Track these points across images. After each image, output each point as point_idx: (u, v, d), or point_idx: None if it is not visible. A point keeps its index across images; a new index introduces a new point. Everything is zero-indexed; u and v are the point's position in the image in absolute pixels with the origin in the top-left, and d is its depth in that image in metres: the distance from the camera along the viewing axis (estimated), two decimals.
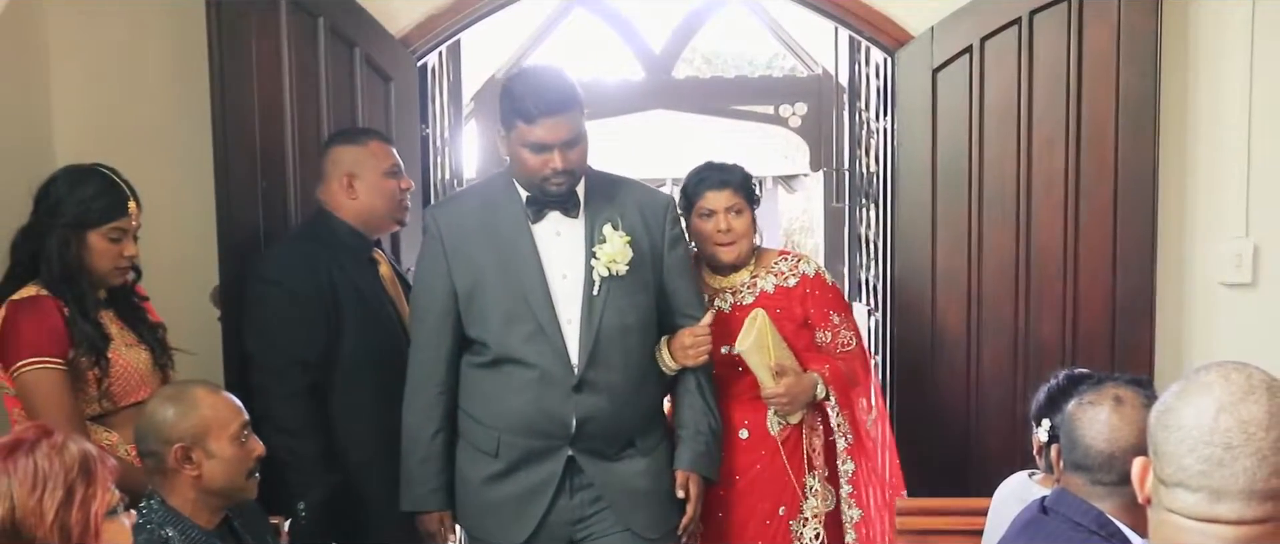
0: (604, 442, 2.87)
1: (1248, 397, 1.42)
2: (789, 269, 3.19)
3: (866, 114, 4.41)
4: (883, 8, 3.77)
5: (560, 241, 2.84)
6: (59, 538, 1.73)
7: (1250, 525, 1.40)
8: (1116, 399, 2.04)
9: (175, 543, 2.18)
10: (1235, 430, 1.41)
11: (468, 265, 2.83)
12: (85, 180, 2.76)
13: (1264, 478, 1.39)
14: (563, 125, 2.72)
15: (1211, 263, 3.79)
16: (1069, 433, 2.08)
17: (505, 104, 2.78)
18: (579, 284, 2.82)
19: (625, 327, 2.85)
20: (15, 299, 2.66)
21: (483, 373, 2.88)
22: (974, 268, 3.72)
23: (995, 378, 3.71)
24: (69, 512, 1.74)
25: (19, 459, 1.74)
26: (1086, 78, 3.58)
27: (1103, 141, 3.59)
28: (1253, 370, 1.46)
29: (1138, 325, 3.63)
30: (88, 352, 2.66)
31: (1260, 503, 1.39)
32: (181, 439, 2.30)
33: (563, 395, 2.81)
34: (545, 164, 2.73)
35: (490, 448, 2.87)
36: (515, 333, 2.80)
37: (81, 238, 2.72)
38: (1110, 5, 3.54)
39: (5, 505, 1.71)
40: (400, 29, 3.78)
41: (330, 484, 2.98)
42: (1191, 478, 1.43)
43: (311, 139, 3.44)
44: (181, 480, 2.31)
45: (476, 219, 2.86)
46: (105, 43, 3.69)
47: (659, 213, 2.94)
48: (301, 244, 3.15)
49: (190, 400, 2.34)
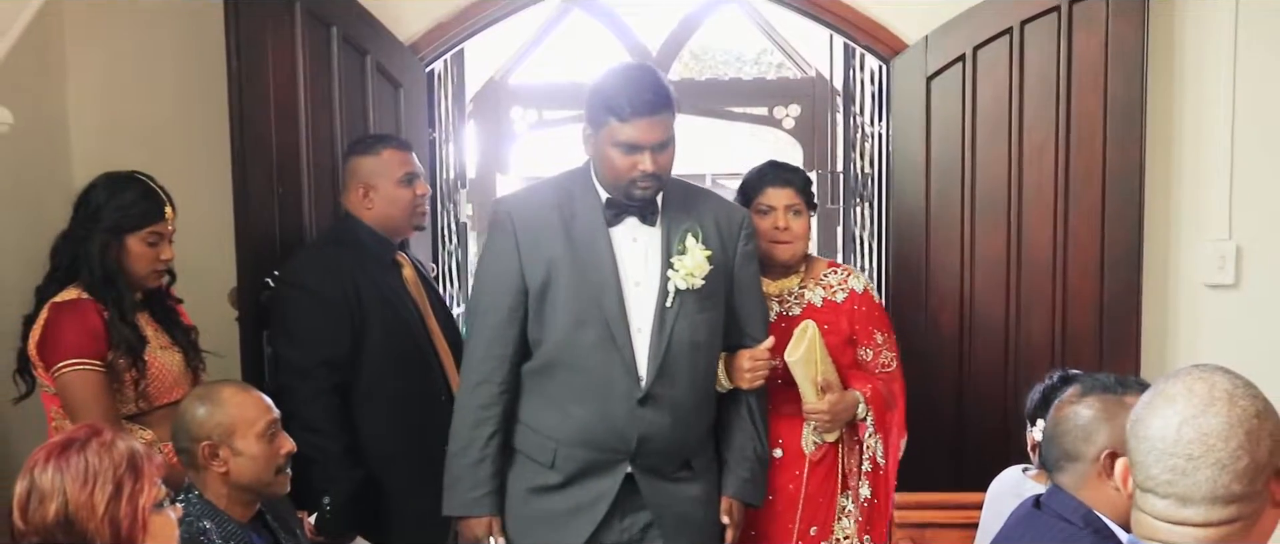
0: (663, 459, 2.77)
1: (1208, 408, 1.50)
2: (838, 282, 3.13)
3: (861, 118, 4.50)
4: (879, 17, 3.87)
5: (636, 248, 2.75)
6: (109, 530, 1.82)
7: (1217, 527, 1.49)
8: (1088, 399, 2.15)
9: (213, 534, 2.28)
10: (1196, 442, 1.49)
11: (541, 261, 2.72)
12: (124, 187, 2.87)
13: (1225, 485, 1.48)
14: (657, 127, 2.64)
15: (1196, 264, 3.88)
16: (1048, 432, 2.19)
17: (596, 101, 2.68)
18: (652, 294, 2.72)
19: (695, 342, 2.75)
20: (57, 301, 2.76)
21: (540, 377, 2.77)
22: (967, 268, 3.82)
23: (987, 375, 3.81)
24: (118, 505, 1.83)
25: (71, 457, 1.84)
26: (1075, 85, 3.68)
27: (1091, 147, 3.69)
28: (1217, 379, 1.53)
29: (1124, 325, 3.72)
30: (125, 353, 2.76)
31: (1224, 506, 1.49)
32: (209, 437, 2.40)
33: (627, 408, 2.71)
34: (634, 166, 2.65)
35: (546, 459, 2.77)
36: (583, 338, 2.70)
37: (120, 242, 2.83)
38: (1098, 16, 3.64)
39: (59, 500, 1.81)
40: (409, 37, 3.87)
41: (354, 480, 3.06)
42: (1159, 486, 1.52)
43: (325, 145, 3.54)
44: (212, 476, 2.41)
45: (553, 215, 2.75)
46: (121, 54, 3.78)
47: (734, 226, 2.84)
48: (326, 250, 3.24)
49: (218, 399, 2.45)
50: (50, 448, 1.87)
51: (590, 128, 2.73)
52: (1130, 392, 2.10)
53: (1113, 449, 2.03)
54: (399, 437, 3.18)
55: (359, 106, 3.68)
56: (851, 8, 3.87)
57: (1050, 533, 2.06)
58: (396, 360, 3.20)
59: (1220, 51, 3.79)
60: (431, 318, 3.37)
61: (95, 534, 1.82)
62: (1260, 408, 1.50)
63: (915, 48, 3.80)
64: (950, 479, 3.51)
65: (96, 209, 2.84)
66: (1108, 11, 3.63)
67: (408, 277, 3.34)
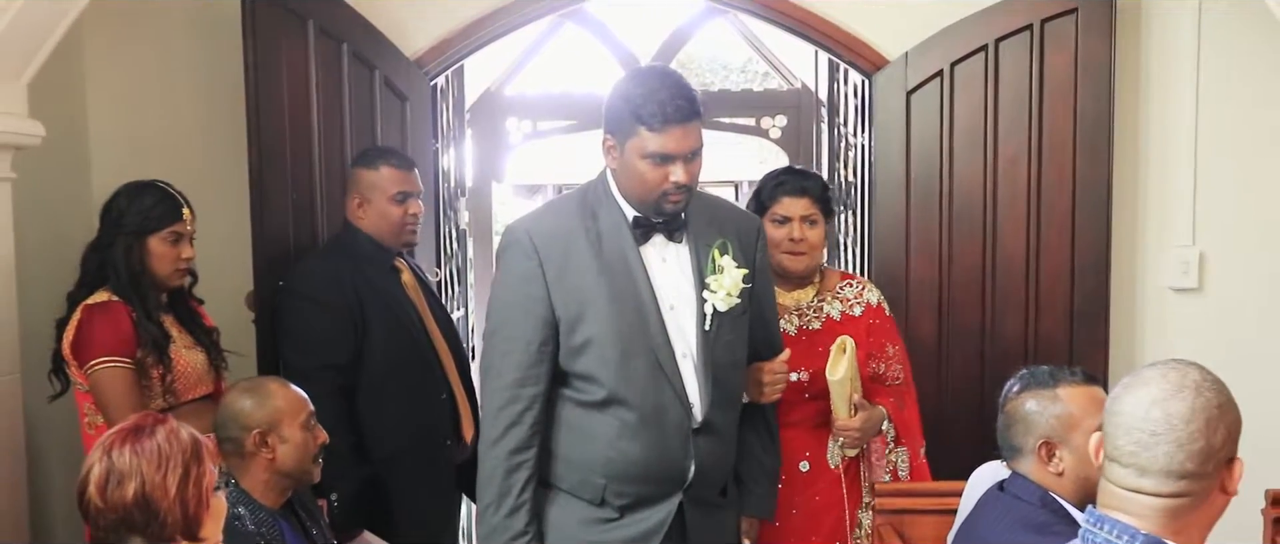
0: (711, 487, 2.62)
1: (1177, 394, 1.68)
2: (854, 296, 3.10)
3: (845, 129, 4.68)
4: (861, 34, 4.05)
5: (666, 268, 2.55)
6: (180, 510, 1.98)
7: (1167, 498, 1.68)
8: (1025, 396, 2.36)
9: (247, 520, 2.45)
10: (1161, 422, 1.68)
11: (572, 291, 2.49)
12: (143, 193, 3.06)
13: (1180, 462, 1.67)
14: (691, 135, 2.45)
15: (1161, 270, 4.08)
16: (998, 427, 2.41)
17: (622, 109, 2.45)
18: (689, 317, 2.54)
19: (734, 362, 2.61)
20: (89, 304, 2.94)
21: (586, 413, 2.54)
22: (944, 274, 4.00)
23: (963, 374, 3.99)
24: (186, 487, 1.99)
25: (144, 442, 2.00)
26: (1047, 100, 3.87)
27: (1062, 158, 3.88)
28: (1190, 371, 1.72)
29: (1094, 327, 3.91)
30: (152, 350, 2.92)
31: (1176, 481, 1.67)
32: (259, 425, 2.58)
33: (682, 440, 2.53)
34: (666, 178, 2.44)
35: (592, 496, 2.56)
36: (631, 370, 2.48)
37: (143, 243, 3.01)
38: (1068, 35, 3.83)
39: (137, 481, 1.97)
40: (415, 52, 4.04)
41: (360, 477, 3.20)
42: (1124, 456, 1.71)
43: (336, 155, 3.71)
44: (257, 464, 2.58)
45: (579, 238, 2.52)
46: (139, 69, 3.93)
47: (751, 237, 2.67)
48: (328, 258, 3.38)
49: (266, 391, 2.63)
50: (122, 433, 2.03)
51: (614, 138, 2.49)
52: (1064, 383, 2.32)
53: (1047, 439, 2.27)
54: (402, 435, 3.31)
55: (367, 119, 3.85)
56: (835, 25, 4.05)
57: (1010, 511, 2.29)
58: (398, 362, 3.33)
59: (1184, 69, 3.98)
60: (430, 320, 3.50)
61: (167, 513, 1.97)
62: (1222, 402, 1.69)
63: (896, 63, 3.98)
64: (931, 470, 3.67)
65: (119, 215, 3.03)
66: (1077, 31, 3.82)
67: (406, 281, 3.48)
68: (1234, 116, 3.99)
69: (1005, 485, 2.38)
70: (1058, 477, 2.30)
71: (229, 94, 3.75)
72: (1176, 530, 1.67)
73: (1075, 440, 2.27)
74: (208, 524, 2.04)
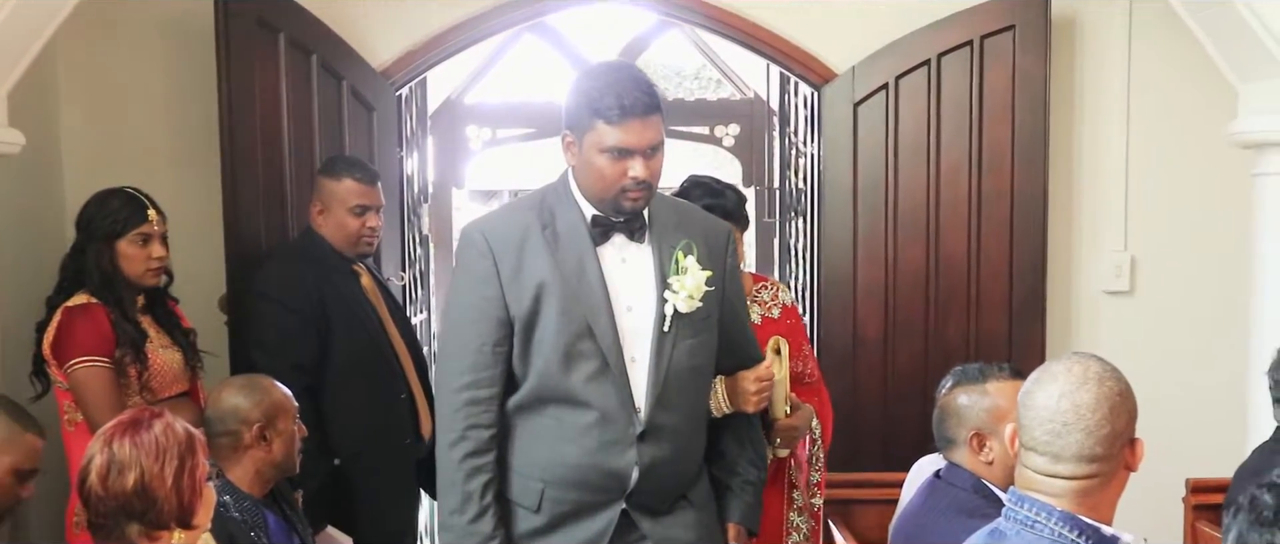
0: (659, 497, 2.52)
1: (1083, 386, 1.84)
2: (771, 299, 3.12)
3: (795, 138, 4.85)
4: (810, 48, 4.22)
5: (626, 269, 2.47)
6: (175, 498, 2.11)
7: (1080, 480, 1.85)
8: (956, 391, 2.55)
9: (231, 508, 2.57)
10: (1070, 412, 1.84)
11: (525, 289, 2.43)
12: (110, 198, 3.18)
13: (1090, 447, 1.84)
14: (650, 128, 2.37)
15: (1095, 273, 4.29)
16: (933, 420, 2.60)
17: (579, 103, 2.39)
18: (647, 319, 2.46)
19: (694, 367, 2.51)
20: (69, 306, 3.05)
21: (527, 414, 2.49)
22: (890, 277, 4.17)
23: (908, 373, 4.16)
24: (182, 477, 2.11)
25: (143, 435, 2.11)
26: (986, 112, 4.06)
27: (1001, 167, 4.07)
28: (1091, 364, 1.88)
29: (1031, 327, 4.11)
30: (130, 348, 3.04)
31: (1088, 464, 1.84)
32: (259, 421, 2.71)
33: (624, 444, 2.44)
34: (624, 173, 2.37)
35: (531, 502, 2.49)
36: (576, 371, 2.42)
37: (113, 246, 3.12)
38: (1006, 50, 4.02)
39: (136, 472, 2.08)
40: (381, 63, 4.16)
41: (325, 473, 3.30)
42: (1039, 445, 1.88)
43: (306, 163, 3.83)
44: (250, 457, 2.70)
45: (535, 237, 2.46)
46: (112, 77, 4.05)
47: (721, 242, 2.59)
48: (291, 262, 3.46)
49: (262, 388, 2.76)
50: (121, 425, 2.14)
51: (572, 134, 2.42)
52: (992, 378, 2.51)
53: (978, 431, 2.45)
54: (364, 433, 3.41)
55: (335, 128, 3.97)
56: (786, 40, 4.22)
57: (945, 497, 2.47)
58: (359, 362, 3.43)
59: (1115, 84, 4.20)
60: (390, 323, 3.61)
61: (164, 501, 2.09)
62: (1122, 389, 1.86)
63: (844, 77, 4.15)
64: (878, 463, 3.86)
65: (88, 222, 3.15)
66: (1014, 47, 4.02)
67: (366, 285, 3.57)
68: (1163, 129, 4.21)
69: (941, 474, 2.57)
70: (988, 465, 2.48)
71: (200, 103, 3.88)
72: (1089, 506, 1.84)
73: (1004, 431, 2.45)
74: (200, 512, 2.17)
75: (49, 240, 3.75)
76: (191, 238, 3.68)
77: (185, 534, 2.14)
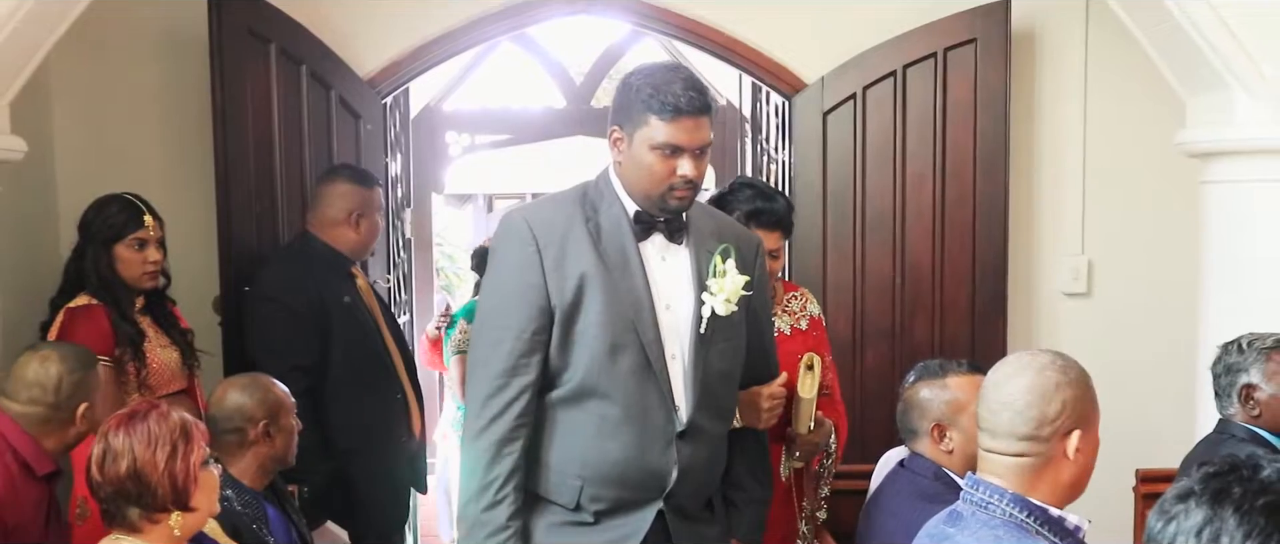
0: (692, 499, 2.53)
1: (1021, 373, 2.01)
2: (799, 309, 3.11)
3: (767, 145, 4.99)
4: (781, 59, 4.36)
5: (665, 268, 2.48)
6: (169, 482, 2.26)
7: (1011, 457, 2.01)
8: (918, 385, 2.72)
9: (233, 501, 2.70)
10: (1007, 394, 2.01)
11: (569, 278, 2.41)
12: (108, 204, 3.31)
13: (1017, 427, 2.00)
14: (701, 129, 2.38)
15: (1054, 276, 4.45)
16: (897, 413, 2.77)
17: (631, 98, 2.39)
18: (685, 319, 2.46)
19: (725, 371, 2.53)
20: (70, 307, 3.18)
21: (566, 409, 2.46)
22: (858, 280, 4.31)
23: (877, 372, 4.31)
24: (175, 462, 2.26)
25: (137, 424, 2.27)
26: (950, 122, 4.20)
27: (963, 175, 4.22)
28: (1042, 356, 2.03)
29: (993, 328, 4.26)
30: (128, 346, 3.16)
31: (1017, 443, 2.00)
32: (263, 418, 2.84)
33: (664, 443, 2.44)
34: (673, 171, 2.37)
35: (567, 499, 2.46)
36: (619, 365, 2.41)
37: (110, 251, 3.25)
38: (969, 62, 4.17)
39: (129, 458, 2.24)
40: (368, 73, 4.29)
41: (327, 470, 3.42)
42: (984, 423, 2.05)
43: (295, 169, 3.96)
44: (253, 452, 2.83)
45: (578, 229, 2.45)
46: (104, 89, 4.15)
47: (751, 252, 2.59)
48: (293, 265, 3.57)
49: (263, 387, 2.89)
50: (119, 418, 2.30)
51: (622, 129, 2.42)
52: (952, 373, 2.69)
53: (939, 422, 2.63)
54: (362, 432, 3.53)
55: (324, 135, 4.10)
56: (758, 51, 4.36)
57: (909, 485, 2.64)
58: (358, 363, 3.54)
59: (1073, 94, 4.36)
60: (383, 324, 3.73)
61: (157, 485, 2.25)
62: (1062, 381, 2.00)
63: (813, 87, 4.30)
64: (850, 458, 3.96)
65: (88, 226, 3.29)
66: (976, 60, 4.16)
67: (362, 287, 3.70)
68: (1117, 139, 4.37)
69: (905, 464, 2.74)
70: (949, 454, 2.65)
71: (192, 111, 4.01)
72: (1030, 486, 2.00)
73: (963, 422, 2.62)
74: (197, 495, 2.30)
75: (44, 245, 3.87)
76: (185, 241, 3.79)
77: (184, 517, 2.29)
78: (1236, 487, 1.37)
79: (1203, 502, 1.39)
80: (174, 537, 2.30)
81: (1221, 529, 1.35)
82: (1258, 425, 3.00)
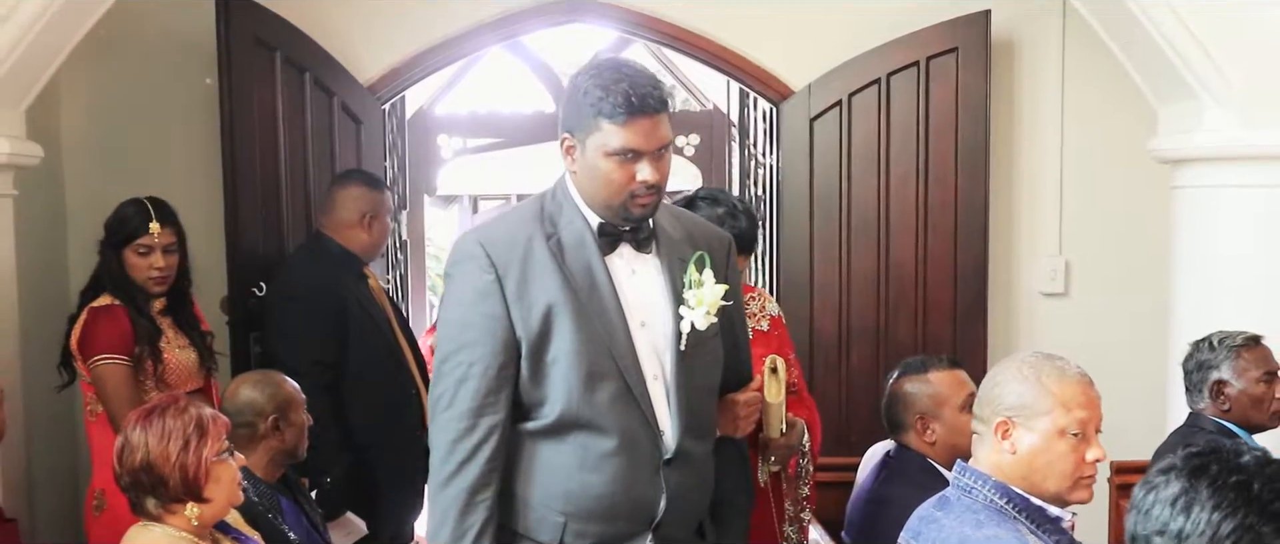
0: (683, 527, 2.34)
1: (1000, 366, 2.19)
2: (759, 310, 3.06)
3: (755, 150, 5.11)
4: (769, 67, 4.48)
5: (636, 282, 2.27)
6: (179, 475, 2.35)
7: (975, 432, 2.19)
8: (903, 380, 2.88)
9: (249, 492, 2.81)
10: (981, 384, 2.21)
11: (535, 308, 2.20)
12: (123, 207, 3.40)
13: (977, 408, 2.19)
14: (659, 127, 2.16)
15: (1032, 276, 4.58)
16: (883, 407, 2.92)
17: (580, 102, 2.15)
18: (662, 334, 2.26)
19: (708, 387, 2.35)
20: (94, 306, 3.27)
21: (545, 442, 2.26)
22: (844, 281, 4.44)
23: (862, 370, 4.43)
24: (186, 455, 2.35)
25: (154, 419, 2.38)
26: (932, 128, 4.34)
27: (946, 179, 4.35)
28: (1027, 354, 2.19)
29: (974, 326, 4.40)
30: (146, 343, 3.26)
31: (975, 421, 2.19)
32: (273, 413, 2.94)
33: (651, 472, 2.25)
34: (633, 177, 2.16)
35: (551, 537, 2.26)
36: (598, 394, 2.21)
37: (119, 254, 3.34)
38: (950, 70, 4.30)
39: (143, 451, 2.35)
40: (368, 79, 4.40)
41: (346, 463, 3.51)
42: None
43: (300, 173, 4.07)
44: (265, 446, 2.93)
45: (539, 249, 2.23)
46: (112, 94, 4.25)
47: (723, 253, 2.39)
48: (312, 265, 3.67)
49: (274, 383, 2.99)
50: (141, 412, 2.41)
51: (573, 136, 2.20)
52: (933, 368, 2.83)
53: (922, 415, 2.77)
54: (378, 426, 3.63)
55: (326, 140, 4.21)
56: (746, 58, 4.48)
57: (895, 474, 2.77)
58: (374, 360, 3.64)
59: (1051, 101, 4.49)
60: (395, 322, 3.83)
61: (169, 476, 2.34)
62: (1016, 375, 2.13)
63: (800, 94, 4.42)
64: (837, 452, 4.02)
65: (106, 227, 3.38)
66: (958, 67, 4.29)
67: (374, 287, 3.80)
68: (1093, 144, 4.50)
69: (891, 455, 2.88)
70: (932, 445, 2.79)
71: (198, 116, 4.11)
72: (979, 458, 2.17)
73: (945, 415, 2.77)
74: (210, 487, 2.38)
75: (53, 244, 3.98)
76: (193, 243, 3.80)
77: (200, 507, 2.38)
78: (1214, 465, 1.52)
79: (1182, 475, 1.53)
80: (192, 526, 2.39)
81: (1195, 499, 1.50)
82: (1227, 419, 3.15)
